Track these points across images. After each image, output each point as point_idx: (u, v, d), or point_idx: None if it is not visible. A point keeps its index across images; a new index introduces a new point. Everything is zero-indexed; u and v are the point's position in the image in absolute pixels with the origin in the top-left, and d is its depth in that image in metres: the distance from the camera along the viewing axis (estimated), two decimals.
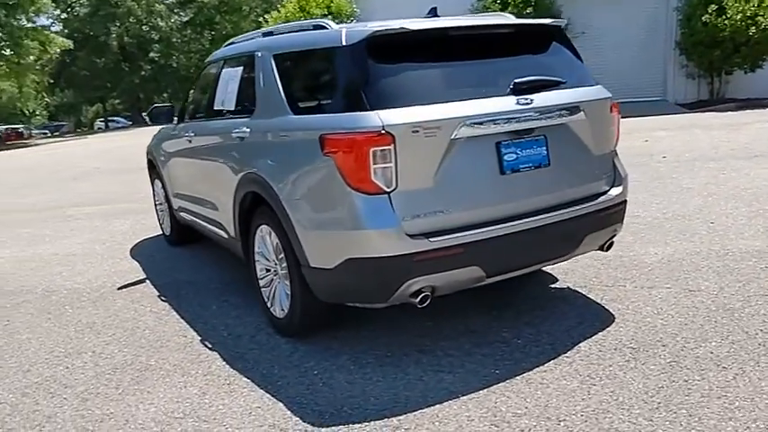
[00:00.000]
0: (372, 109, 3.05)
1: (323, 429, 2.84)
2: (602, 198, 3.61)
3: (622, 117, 4.04)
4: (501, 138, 3.25)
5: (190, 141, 5.10)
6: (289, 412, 3.01)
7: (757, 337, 3.34)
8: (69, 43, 39.24)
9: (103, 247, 6.79)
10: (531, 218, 3.31)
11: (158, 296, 4.95)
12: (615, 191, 3.69)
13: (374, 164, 3.01)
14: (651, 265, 4.59)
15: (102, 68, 50.65)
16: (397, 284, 3.09)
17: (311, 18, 16.84)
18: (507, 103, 3.24)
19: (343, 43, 3.27)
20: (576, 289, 4.26)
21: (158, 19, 51.18)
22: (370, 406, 3.00)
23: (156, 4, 50.67)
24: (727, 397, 2.81)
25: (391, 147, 3.00)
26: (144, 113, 54.74)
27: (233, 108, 4.38)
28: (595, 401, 2.87)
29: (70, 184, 12.84)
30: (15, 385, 3.57)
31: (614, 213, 3.68)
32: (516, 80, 3.28)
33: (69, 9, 51.84)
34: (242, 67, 4.35)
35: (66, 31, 51.11)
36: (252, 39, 4.56)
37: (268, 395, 3.19)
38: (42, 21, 45.10)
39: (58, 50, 39.07)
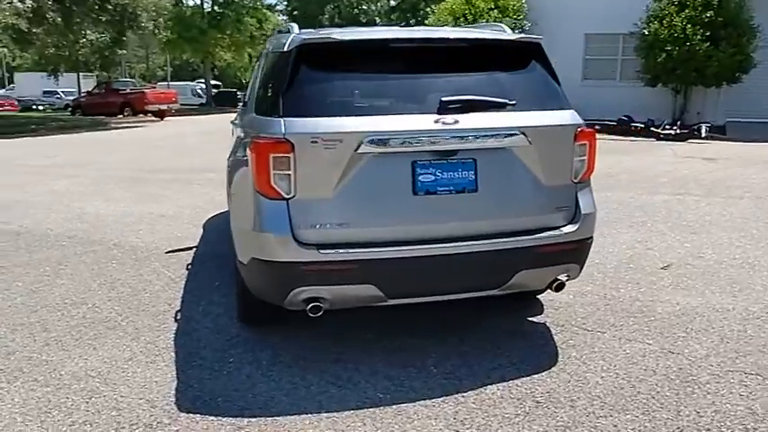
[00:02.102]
0: (284, 116, 3.09)
1: (181, 414, 2.99)
2: (548, 233, 3.28)
3: None
4: (419, 157, 3.10)
5: (232, 127, 5.48)
6: (173, 392, 3.20)
7: (686, 418, 2.86)
8: (282, 22, 42.66)
9: (192, 211, 7.50)
10: (445, 244, 3.13)
11: (188, 264, 5.41)
12: (569, 228, 3.34)
13: (274, 169, 3.05)
14: (658, 315, 4.06)
15: None
16: (287, 290, 3.13)
17: (476, 11, 16.70)
18: (425, 122, 3.08)
19: (284, 49, 3.34)
20: (551, 327, 3.92)
21: (369, 3, 53.72)
22: (241, 403, 3.09)
23: None
24: None
25: (290, 155, 3.03)
26: None
27: (247, 101, 4.64)
28: None
29: (225, 152, 14.13)
30: (15, 321, 4.17)
31: (564, 252, 3.33)
32: (443, 98, 3.11)
33: None
34: (260, 63, 4.58)
35: (288, 9, 55.81)
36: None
37: (174, 373, 3.41)
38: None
39: (272, 28, 42.64)
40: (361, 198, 3.09)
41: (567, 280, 3.45)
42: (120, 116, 29.92)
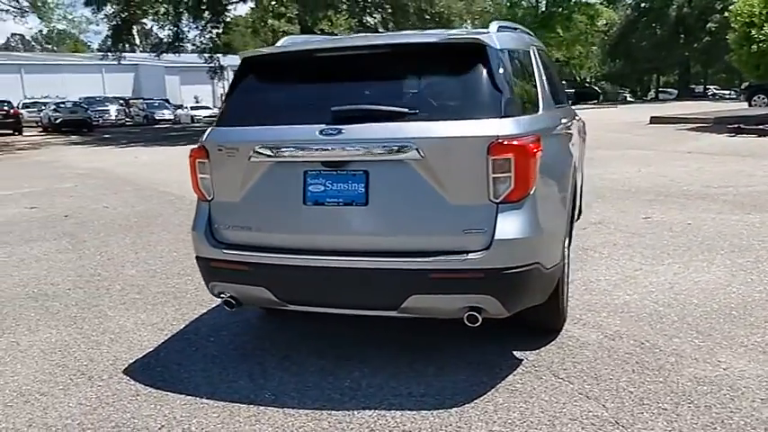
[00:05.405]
0: (216, 125, 3.41)
1: (118, 374, 3.51)
2: (446, 257, 2.92)
3: None
4: (310, 167, 3.10)
5: None
6: (141, 356, 3.75)
7: None
8: (615, 16, 40.68)
9: None
10: (330, 257, 3.07)
11: None
12: (478, 255, 2.89)
13: (199, 173, 3.40)
14: (674, 378, 3.18)
15: (657, 39, 50.44)
16: (207, 282, 3.46)
17: None
18: (311, 132, 3.04)
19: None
20: (525, 365, 3.41)
21: None
22: (167, 375, 3.47)
23: None
24: None
25: (206, 160, 3.33)
26: (692, 86, 52.43)
27: None
28: None
29: None
30: (130, 283, 5.22)
31: (468, 281, 2.90)
32: (332, 108, 3.03)
33: None
34: None
35: (635, 2, 52.81)
36: None
37: (163, 341, 3.98)
38: None
39: (604, 22, 40.98)
40: (259, 204, 3.23)
41: (491, 315, 3.02)
42: None
